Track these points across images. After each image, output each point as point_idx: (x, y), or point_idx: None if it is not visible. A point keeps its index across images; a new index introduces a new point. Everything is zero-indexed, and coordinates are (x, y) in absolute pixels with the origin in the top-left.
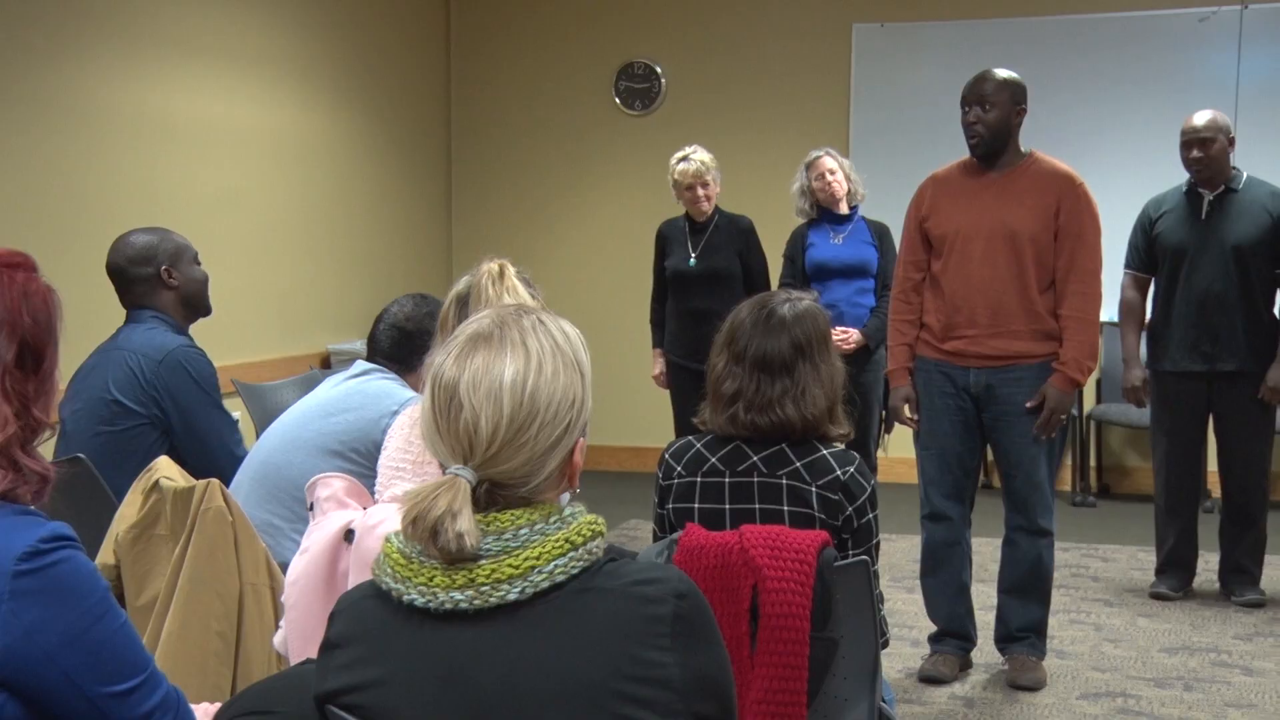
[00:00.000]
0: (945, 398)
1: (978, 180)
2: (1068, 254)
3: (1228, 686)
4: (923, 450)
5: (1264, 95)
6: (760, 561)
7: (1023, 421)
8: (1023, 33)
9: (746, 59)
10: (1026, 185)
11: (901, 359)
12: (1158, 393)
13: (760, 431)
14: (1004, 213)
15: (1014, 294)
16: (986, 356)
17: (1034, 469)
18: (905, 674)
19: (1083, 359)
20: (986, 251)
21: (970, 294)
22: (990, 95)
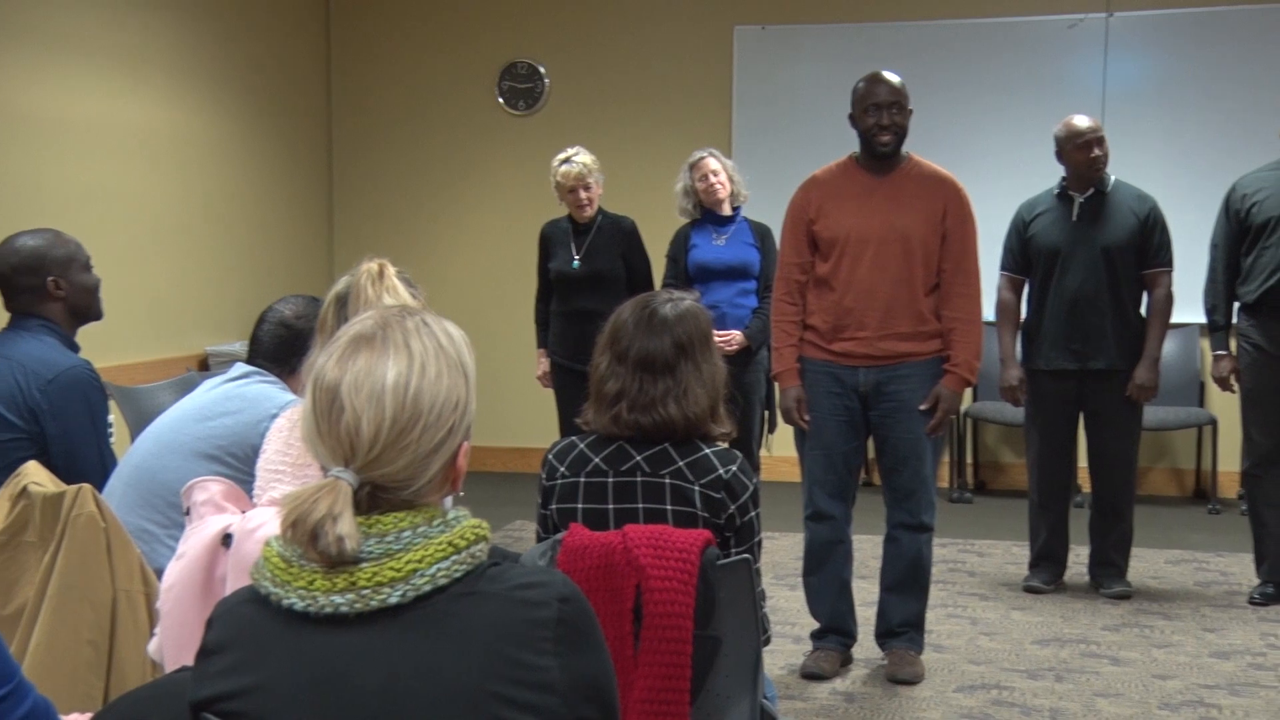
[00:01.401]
0: (832, 398)
1: (864, 183)
2: (953, 257)
3: (1096, 676)
4: (809, 450)
5: (1129, 100)
6: (644, 561)
7: (911, 418)
8: (900, 37)
9: (629, 60)
10: (913, 189)
11: (789, 360)
12: (1032, 391)
13: (643, 431)
14: (894, 216)
15: (903, 297)
16: (875, 357)
17: (920, 465)
18: (788, 670)
19: (972, 359)
20: (877, 255)
21: (861, 297)
22: (900, 98)
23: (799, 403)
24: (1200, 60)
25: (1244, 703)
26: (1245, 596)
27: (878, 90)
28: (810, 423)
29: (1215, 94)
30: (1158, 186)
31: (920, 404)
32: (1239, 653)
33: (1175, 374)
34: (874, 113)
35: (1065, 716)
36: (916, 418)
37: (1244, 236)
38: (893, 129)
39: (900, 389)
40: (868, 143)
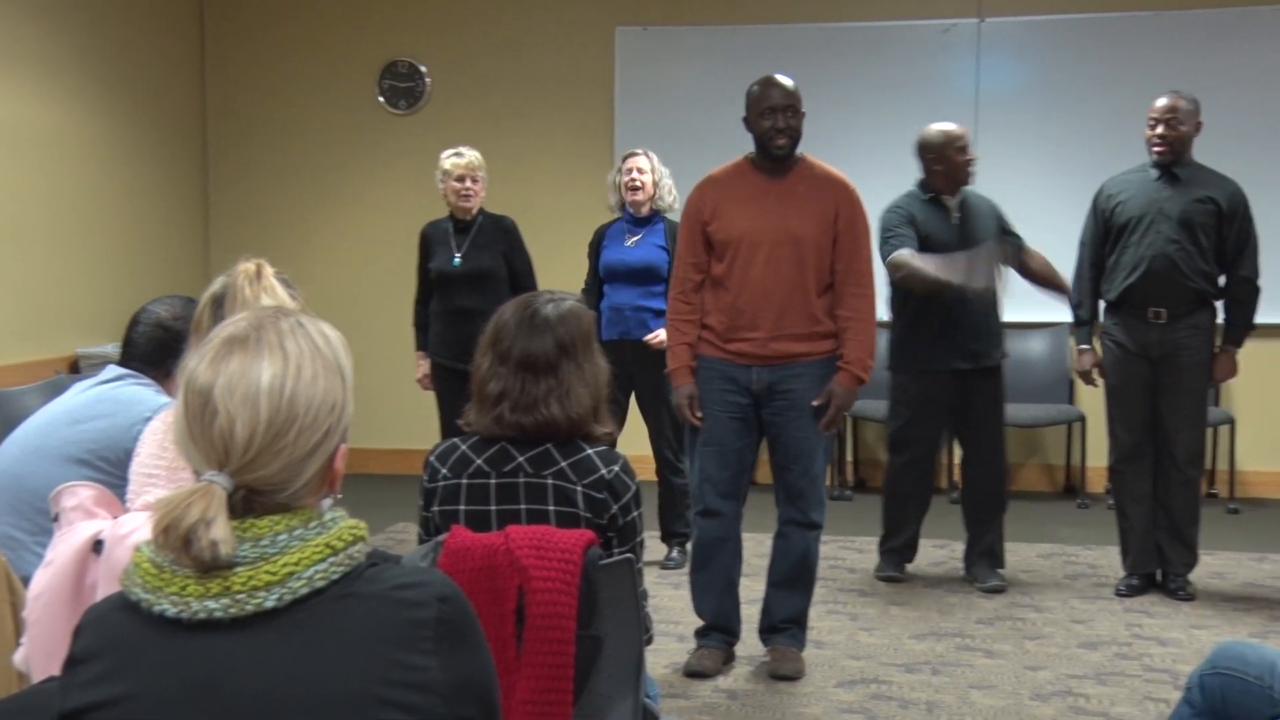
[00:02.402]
0: (726, 396)
1: (759, 184)
2: (846, 257)
3: (971, 669)
4: (703, 448)
5: (1001, 104)
6: (526, 562)
7: (803, 416)
8: (779, 39)
9: (512, 59)
10: (806, 190)
11: (683, 358)
12: (914, 392)
13: (525, 432)
14: (787, 218)
15: (796, 298)
16: (768, 357)
17: (812, 462)
18: (671, 669)
19: (865, 357)
20: (771, 256)
21: (754, 298)
22: (794, 102)
23: (691, 399)
24: (1069, 65)
25: (1110, 691)
26: (1112, 589)
27: (773, 94)
28: (706, 420)
29: (1083, 98)
30: (1029, 187)
31: (811, 402)
32: (1106, 643)
33: (1045, 372)
34: (769, 116)
35: (941, 709)
36: (808, 417)
37: (1109, 236)
38: (788, 132)
39: (793, 388)
40: (764, 146)
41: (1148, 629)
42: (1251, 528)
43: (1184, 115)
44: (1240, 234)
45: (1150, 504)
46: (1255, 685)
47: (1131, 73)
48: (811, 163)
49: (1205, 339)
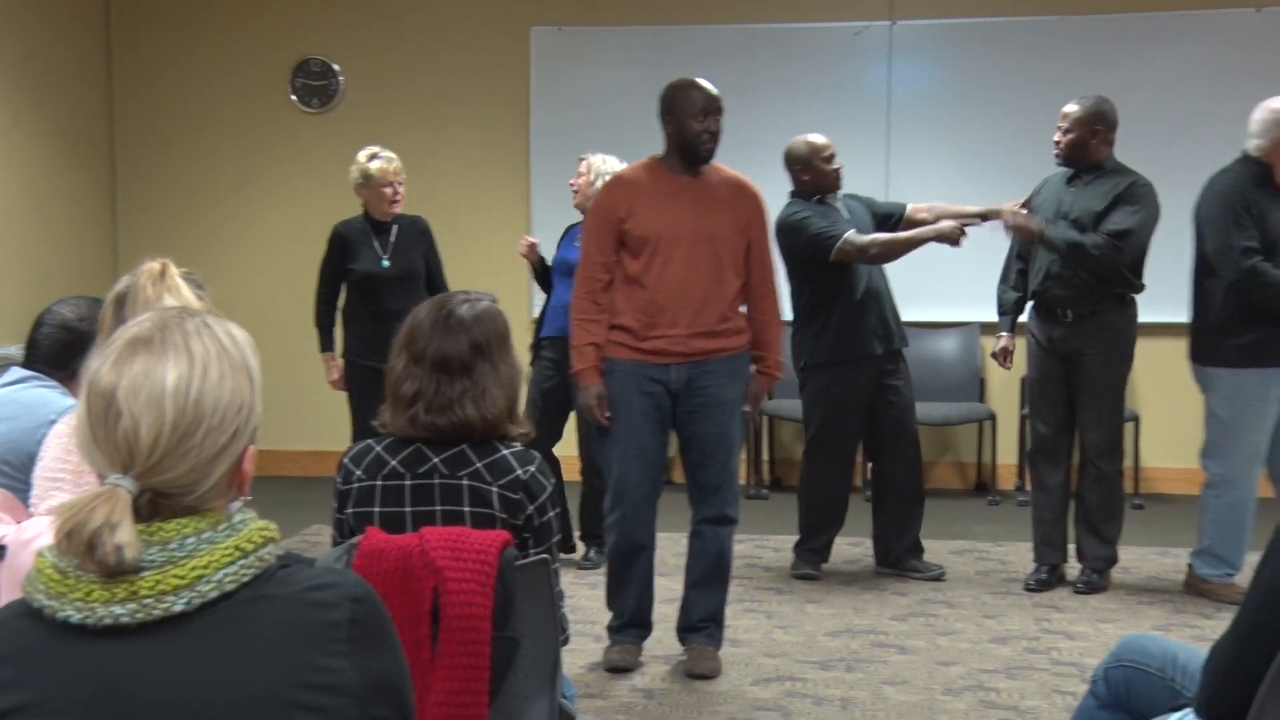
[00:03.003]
0: (643, 397)
1: (673, 184)
2: (759, 261)
3: (885, 665)
4: (622, 450)
5: (912, 106)
6: (441, 563)
7: (719, 411)
8: (694, 40)
9: (426, 58)
10: (719, 191)
11: (591, 358)
12: (834, 389)
13: (440, 433)
14: (705, 217)
15: (713, 295)
16: (686, 354)
17: (729, 457)
18: (588, 669)
19: (779, 358)
20: (690, 254)
21: (673, 295)
22: (721, 106)
23: (600, 400)
24: (979, 68)
25: (1019, 685)
26: (1022, 584)
27: (706, 98)
28: (622, 422)
29: (993, 101)
30: (940, 189)
31: (727, 398)
32: (1016, 638)
33: (956, 371)
34: (703, 119)
35: (855, 705)
36: (725, 411)
37: None
38: (717, 135)
39: (709, 384)
40: (693, 147)
41: (1056, 623)
42: (1156, 523)
43: (1073, 121)
44: (1124, 203)
45: (1060, 497)
46: (1157, 677)
47: (1040, 76)
48: (717, 166)
49: (1115, 338)
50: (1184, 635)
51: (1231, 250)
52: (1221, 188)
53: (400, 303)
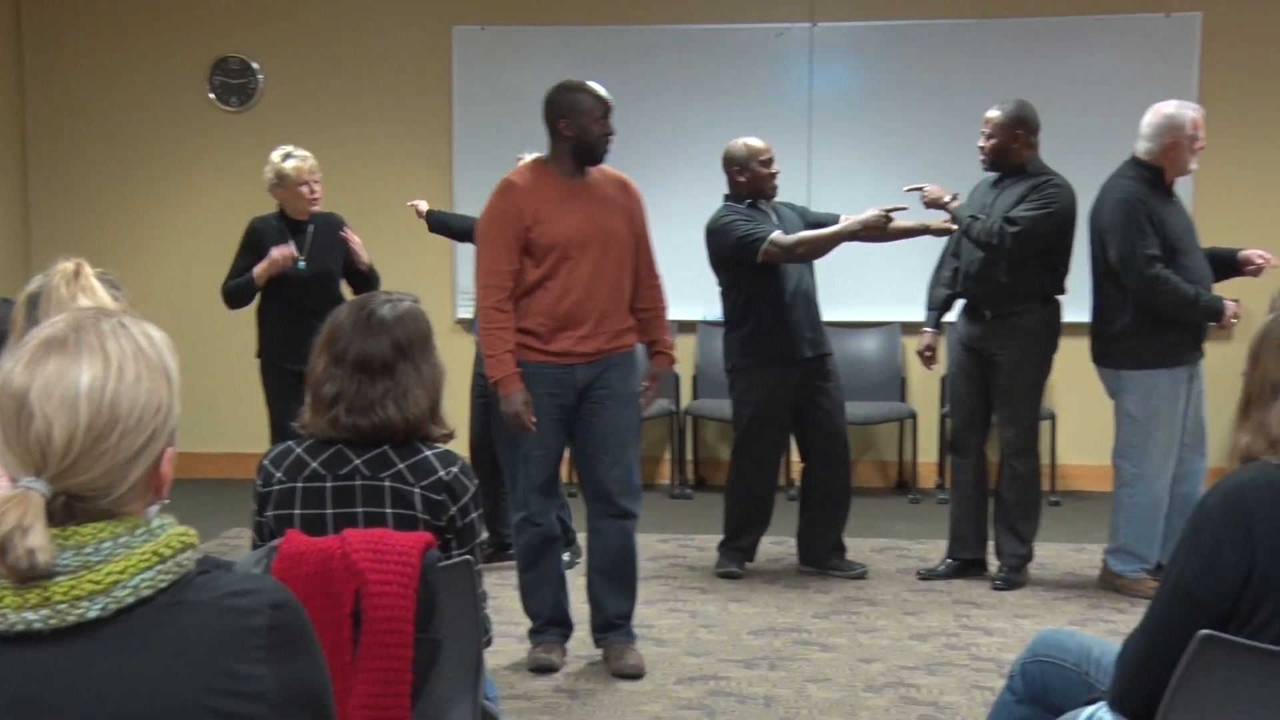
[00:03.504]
0: (550, 399)
1: (564, 187)
2: (645, 253)
3: (807, 663)
4: (525, 448)
5: (833, 107)
6: (363, 565)
7: (618, 404)
8: (616, 40)
9: (347, 57)
10: (607, 192)
11: (511, 365)
12: (763, 389)
13: (362, 434)
14: (603, 219)
15: (616, 295)
16: (591, 354)
17: (624, 451)
18: (511, 669)
19: (670, 339)
20: (596, 259)
21: (580, 299)
22: (608, 111)
23: (527, 405)
24: (900, 70)
25: (939, 681)
26: (944, 582)
27: (605, 100)
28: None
29: (913, 103)
30: (861, 190)
31: (626, 391)
32: (936, 634)
33: (878, 370)
34: (603, 123)
35: (778, 703)
36: (622, 404)
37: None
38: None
39: (610, 378)
40: (593, 149)
41: (975, 620)
42: (1071, 519)
43: (995, 126)
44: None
45: (972, 493)
46: (1073, 672)
47: (959, 79)
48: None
49: (1031, 339)
50: (1099, 630)
51: (1136, 259)
52: (1122, 195)
53: (317, 303)
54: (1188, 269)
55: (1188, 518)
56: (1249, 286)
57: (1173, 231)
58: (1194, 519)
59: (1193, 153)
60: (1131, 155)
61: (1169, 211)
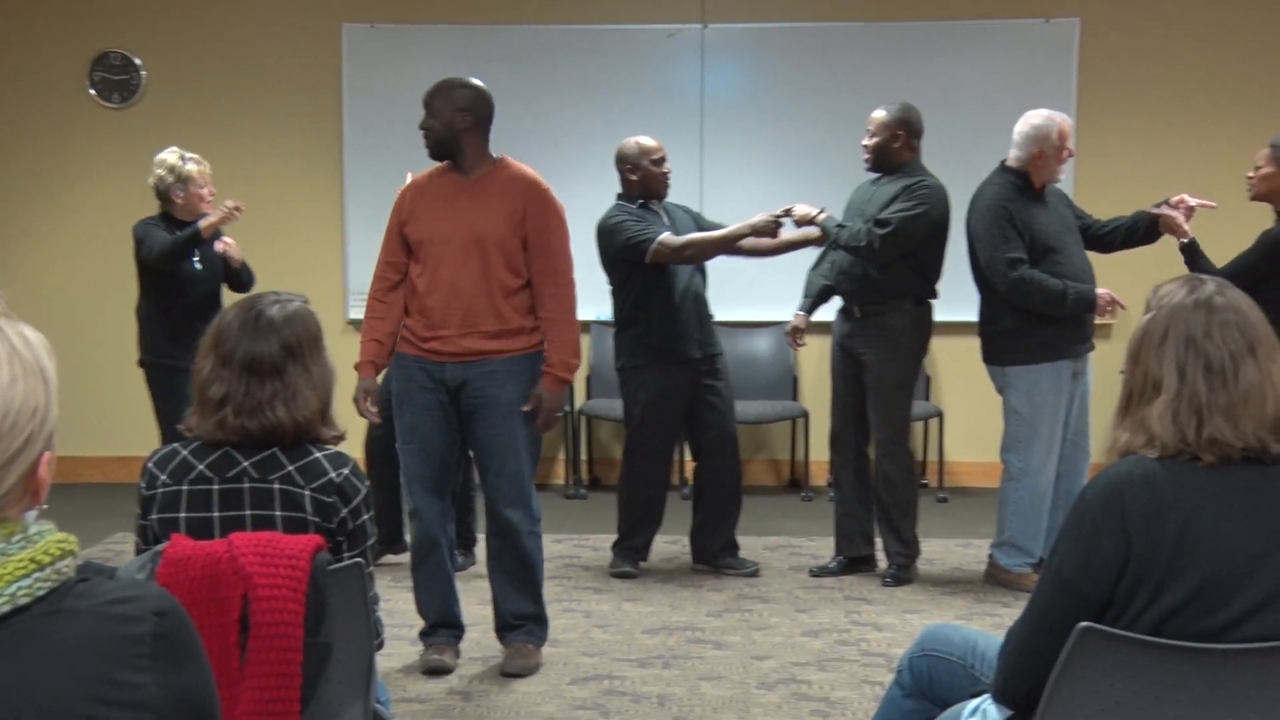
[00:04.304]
0: (425, 393)
1: (454, 185)
2: (540, 258)
3: (701, 661)
4: (404, 445)
5: (725, 108)
6: (251, 569)
7: (496, 413)
8: (508, 39)
9: (234, 54)
10: (495, 191)
11: (367, 353)
12: (653, 388)
13: (250, 436)
14: (475, 218)
15: (483, 297)
16: (459, 354)
17: (505, 460)
18: (404, 672)
19: (568, 359)
20: (458, 256)
21: (443, 296)
22: (435, 103)
23: (365, 394)
24: (790, 72)
25: (830, 677)
26: (833, 578)
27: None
28: (406, 418)
29: (803, 104)
30: (753, 191)
31: (504, 399)
32: (827, 631)
33: (770, 369)
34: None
35: (672, 702)
36: (500, 414)
37: None
38: (427, 132)
39: (485, 386)
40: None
41: (865, 616)
42: (958, 515)
43: (878, 126)
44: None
45: (851, 490)
46: (958, 665)
47: (848, 81)
48: (509, 164)
49: (897, 339)
50: (984, 624)
51: (999, 263)
52: (987, 202)
53: (205, 303)
54: (1061, 265)
55: (1068, 511)
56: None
57: (1044, 231)
58: (1073, 512)
59: (1059, 162)
60: (1001, 161)
61: (1039, 213)
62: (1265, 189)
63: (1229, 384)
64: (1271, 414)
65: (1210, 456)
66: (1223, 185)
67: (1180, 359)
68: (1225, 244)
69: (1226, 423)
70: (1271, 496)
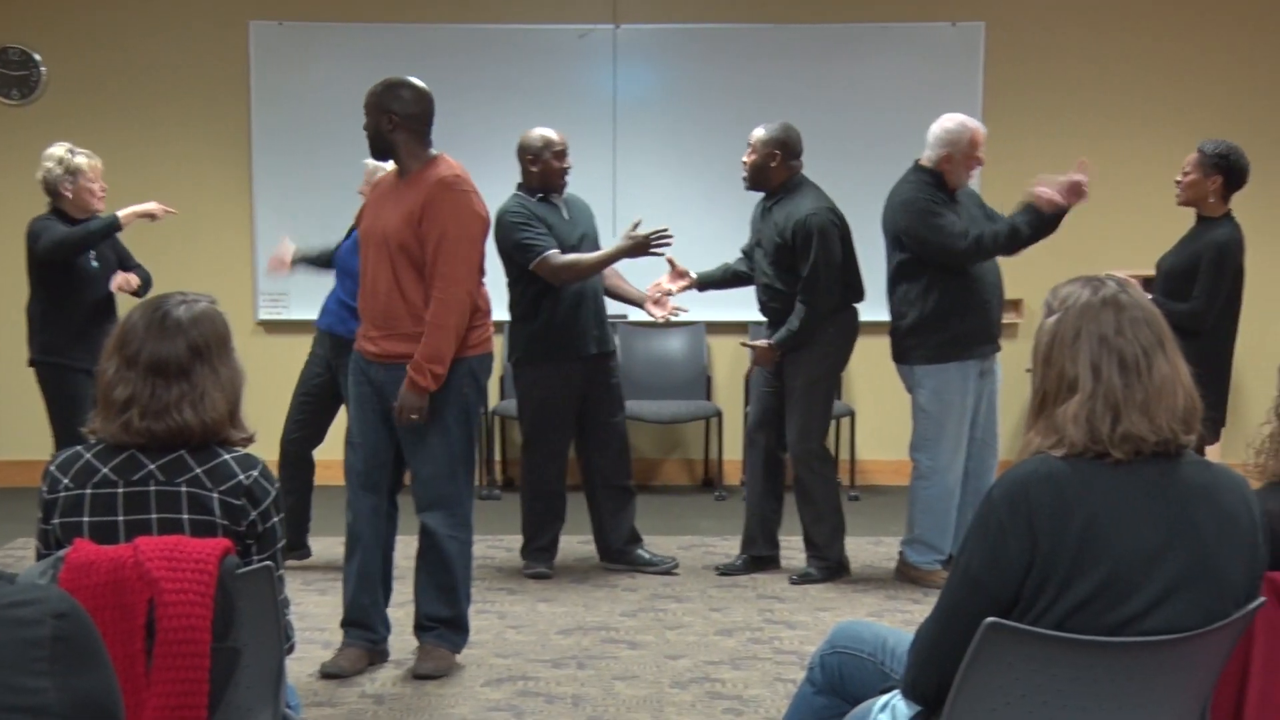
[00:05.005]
0: (361, 389)
1: (391, 186)
2: (431, 260)
3: (615, 661)
4: (348, 440)
5: (637, 109)
6: (157, 574)
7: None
8: (419, 39)
9: (138, 50)
10: (407, 192)
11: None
12: (546, 384)
13: (156, 438)
14: (386, 220)
15: (395, 298)
16: (380, 355)
17: (421, 464)
18: (315, 677)
19: (426, 363)
20: (374, 256)
21: (366, 296)
22: (366, 105)
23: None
24: (701, 73)
25: (744, 675)
26: (747, 577)
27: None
28: (350, 410)
29: (714, 105)
30: (665, 191)
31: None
32: (740, 629)
33: (684, 369)
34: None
35: (586, 702)
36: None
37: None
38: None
39: (397, 391)
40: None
41: (778, 614)
42: (869, 513)
43: (756, 144)
44: (800, 249)
45: (759, 490)
46: (869, 662)
47: (759, 82)
48: (435, 163)
49: (816, 347)
50: (895, 620)
51: (949, 240)
52: (906, 196)
53: (101, 303)
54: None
55: (975, 510)
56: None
57: None
58: (981, 510)
59: (967, 168)
60: (916, 160)
61: (953, 211)
62: (1191, 195)
63: (1143, 379)
64: (1182, 406)
65: (1120, 453)
66: (1125, 185)
67: (1095, 357)
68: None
69: (1142, 417)
70: (1173, 491)
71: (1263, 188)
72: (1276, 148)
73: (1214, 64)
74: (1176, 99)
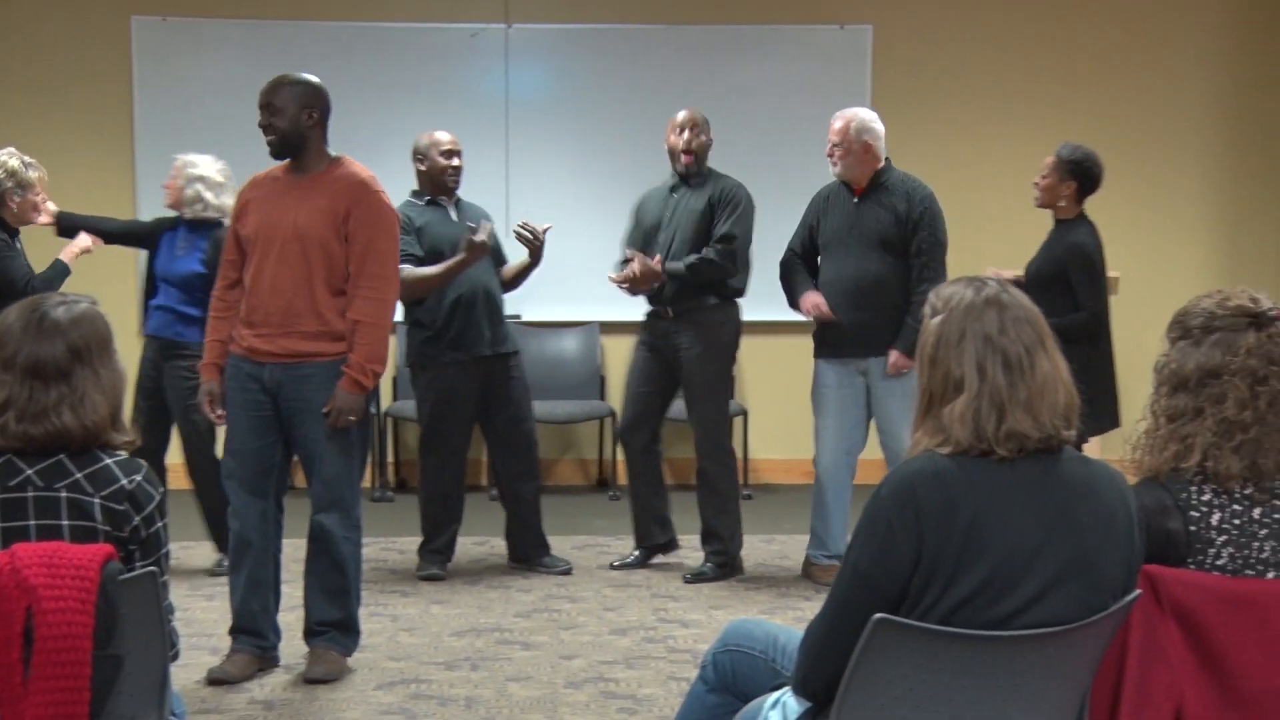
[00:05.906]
0: (244, 394)
1: (286, 183)
2: (357, 259)
3: (509, 662)
4: (226, 446)
5: (530, 109)
6: (35, 581)
7: (312, 418)
8: (307, 36)
9: (17, 45)
10: (323, 190)
11: (210, 354)
12: (441, 386)
13: (34, 442)
14: (298, 216)
15: (303, 296)
16: (277, 355)
17: (322, 465)
18: (202, 684)
19: (367, 363)
20: (280, 253)
21: (264, 294)
22: (277, 101)
23: (209, 396)
24: (594, 73)
25: (637, 674)
26: (641, 576)
27: (261, 91)
28: (228, 417)
29: (606, 105)
30: (558, 191)
31: (322, 403)
32: (635, 629)
33: (577, 369)
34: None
35: (479, 704)
36: (317, 418)
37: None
38: (270, 130)
39: (303, 389)
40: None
41: (672, 613)
42: (762, 512)
43: (705, 127)
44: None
45: (643, 481)
46: (760, 659)
47: (650, 83)
48: (344, 164)
49: (713, 336)
50: (788, 618)
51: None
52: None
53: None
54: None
55: (864, 508)
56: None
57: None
58: (868, 508)
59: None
60: None
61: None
62: (1048, 198)
63: (1027, 377)
64: (1063, 403)
65: (1005, 450)
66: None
67: (980, 356)
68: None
69: (1026, 415)
70: (1055, 486)
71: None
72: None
73: (1093, 69)
74: (1060, 101)
